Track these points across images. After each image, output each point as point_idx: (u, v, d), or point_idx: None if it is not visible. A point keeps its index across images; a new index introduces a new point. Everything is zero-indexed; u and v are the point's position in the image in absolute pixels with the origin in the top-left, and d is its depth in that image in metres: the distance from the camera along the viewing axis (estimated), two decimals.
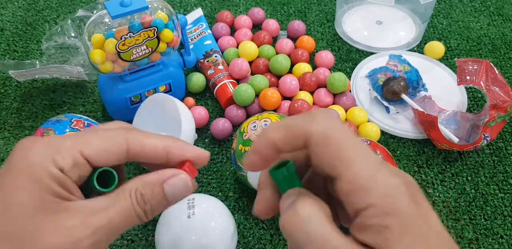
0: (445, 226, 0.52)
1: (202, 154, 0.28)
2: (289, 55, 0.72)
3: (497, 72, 0.62)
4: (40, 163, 0.24)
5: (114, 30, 0.54)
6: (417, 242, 0.22)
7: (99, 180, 0.26)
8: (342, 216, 0.28)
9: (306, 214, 0.23)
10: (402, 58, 0.67)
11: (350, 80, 0.70)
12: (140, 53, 0.57)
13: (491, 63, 0.63)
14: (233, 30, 0.78)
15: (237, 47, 0.73)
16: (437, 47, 0.74)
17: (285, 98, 0.67)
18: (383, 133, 0.65)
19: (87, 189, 0.27)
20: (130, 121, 0.63)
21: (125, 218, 0.25)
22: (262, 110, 0.65)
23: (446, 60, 0.75)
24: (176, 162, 0.28)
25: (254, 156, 0.25)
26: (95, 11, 0.71)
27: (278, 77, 0.69)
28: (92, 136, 0.26)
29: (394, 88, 0.64)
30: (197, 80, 0.68)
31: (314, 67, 0.72)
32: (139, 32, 0.55)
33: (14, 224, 0.23)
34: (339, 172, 0.23)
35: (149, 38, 0.56)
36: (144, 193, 0.26)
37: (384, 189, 0.22)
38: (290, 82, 0.66)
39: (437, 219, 0.23)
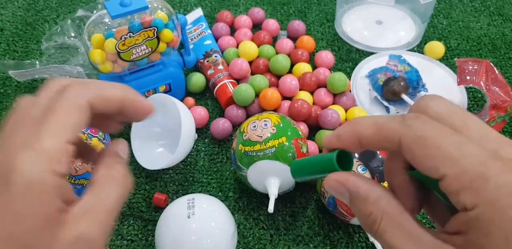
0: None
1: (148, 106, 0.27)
2: (289, 55, 0.72)
3: (497, 72, 0.62)
4: (40, 180, 0.22)
5: (114, 30, 0.54)
6: None
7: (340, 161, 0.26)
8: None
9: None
10: (402, 58, 0.67)
11: (350, 80, 0.70)
12: (140, 53, 0.57)
13: (491, 63, 0.63)
14: (233, 30, 0.78)
15: (237, 47, 0.73)
16: (437, 47, 0.73)
17: (285, 98, 0.67)
18: None
19: None
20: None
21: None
22: (262, 110, 0.65)
23: (446, 60, 0.75)
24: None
25: (336, 142, 0.25)
26: (95, 11, 0.72)
27: (278, 77, 0.69)
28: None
29: (394, 88, 0.64)
30: (197, 80, 0.68)
31: (314, 67, 0.72)
32: (139, 32, 0.55)
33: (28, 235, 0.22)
34: (443, 173, 0.21)
35: (149, 38, 0.56)
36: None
37: (494, 190, 0.20)
38: (290, 82, 0.66)
39: None
